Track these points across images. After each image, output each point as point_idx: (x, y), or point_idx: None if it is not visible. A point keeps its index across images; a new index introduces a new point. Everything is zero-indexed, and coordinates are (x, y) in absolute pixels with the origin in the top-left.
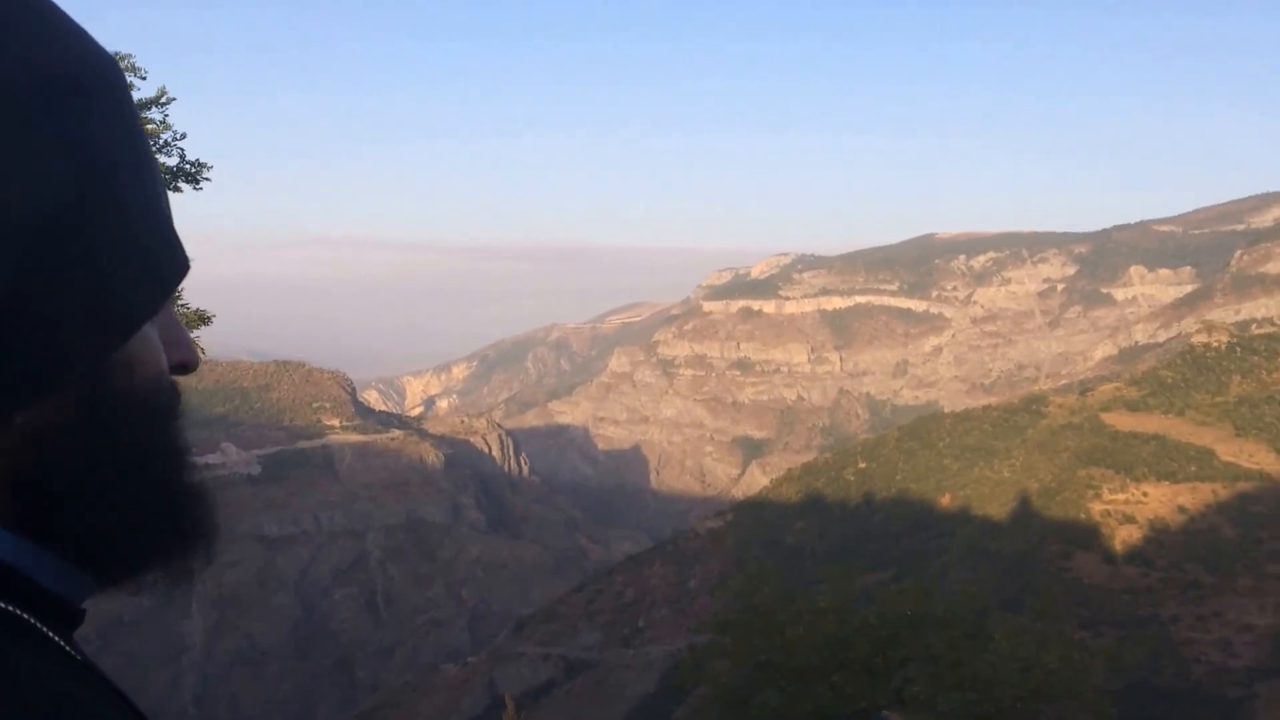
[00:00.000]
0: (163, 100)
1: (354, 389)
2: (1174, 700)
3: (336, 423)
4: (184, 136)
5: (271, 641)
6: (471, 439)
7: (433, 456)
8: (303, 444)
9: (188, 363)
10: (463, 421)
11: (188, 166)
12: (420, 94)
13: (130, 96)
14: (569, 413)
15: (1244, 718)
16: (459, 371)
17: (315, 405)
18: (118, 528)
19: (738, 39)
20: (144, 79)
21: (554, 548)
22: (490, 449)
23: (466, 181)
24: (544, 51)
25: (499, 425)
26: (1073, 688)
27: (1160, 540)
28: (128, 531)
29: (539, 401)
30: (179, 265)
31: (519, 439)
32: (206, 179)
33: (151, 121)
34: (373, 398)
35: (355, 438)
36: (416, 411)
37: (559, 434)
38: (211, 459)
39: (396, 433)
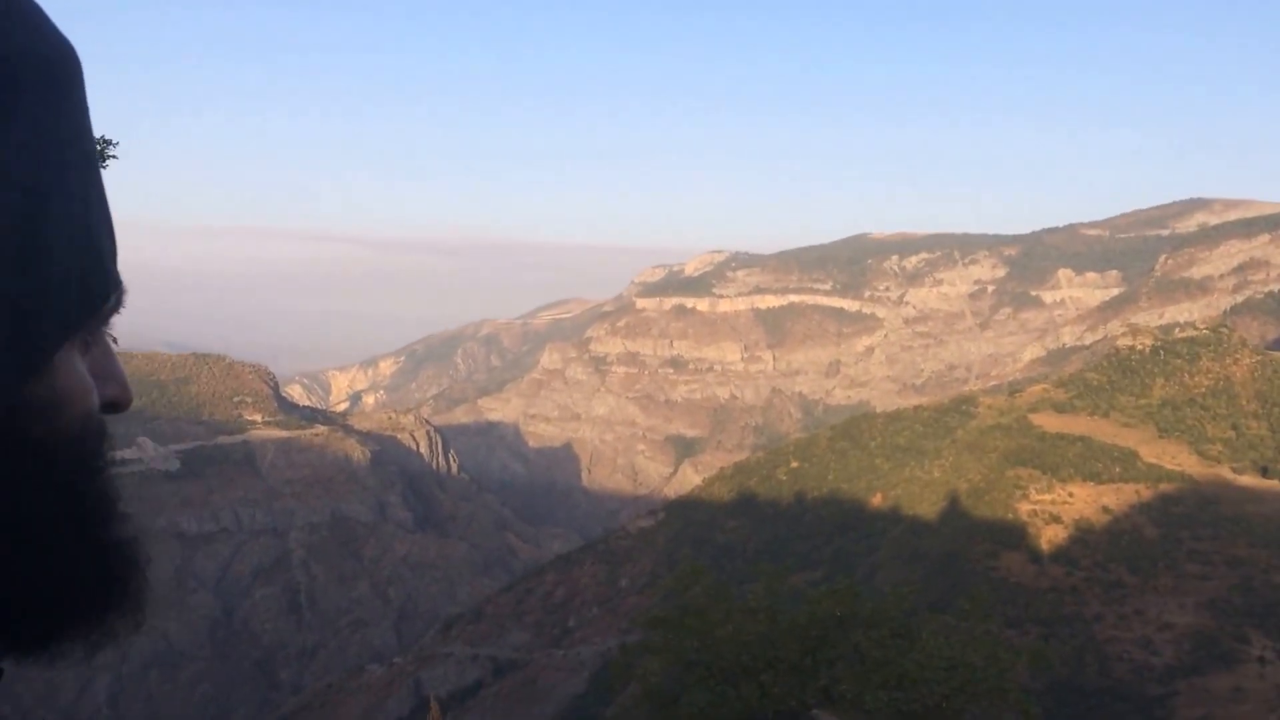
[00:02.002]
0: None
1: (276, 383)
2: (1097, 698)
3: (258, 417)
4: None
5: (189, 642)
6: (399, 435)
7: (358, 453)
8: (223, 439)
9: (119, 400)
10: (390, 417)
11: None
12: (347, 78)
13: (80, 88)
14: (499, 409)
15: (1165, 715)
16: (386, 366)
17: (236, 399)
18: (34, 591)
19: (670, 35)
20: None
21: (483, 546)
22: (418, 446)
23: (396, 174)
24: (475, 42)
25: (427, 422)
26: (998, 686)
27: (1085, 540)
28: (46, 595)
29: (469, 398)
30: (107, 283)
31: (448, 436)
32: (112, 156)
33: None
34: (296, 392)
35: (278, 433)
36: (342, 407)
37: (489, 431)
38: (128, 454)
39: (321, 428)
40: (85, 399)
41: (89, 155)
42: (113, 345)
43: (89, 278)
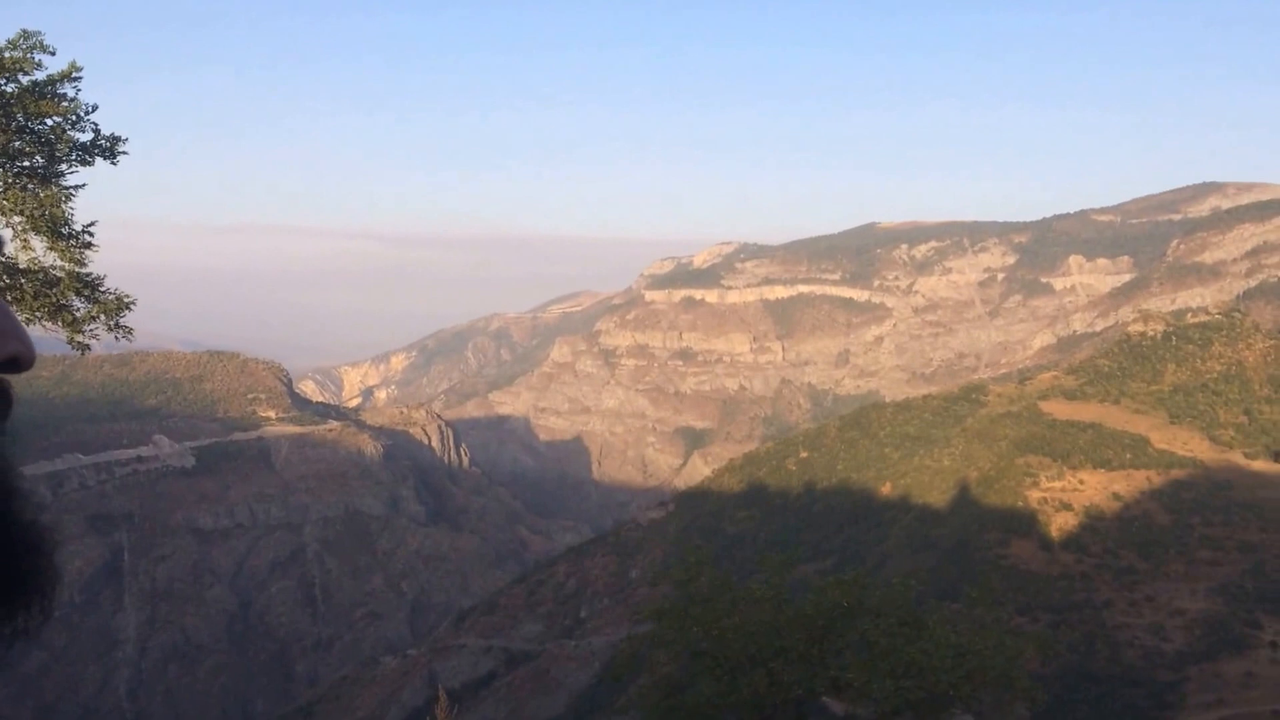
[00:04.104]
0: (74, 75)
1: (290, 380)
2: (1107, 684)
3: (272, 414)
4: (95, 109)
5: (206, 636)
6: (411, 430)
7: (371, 448)
8: (237, 436)
9: (20, 356)
10: (402, 412)
11: (103, 141)
12: (357, 76)
13: None
14: (510, 403)
15: (1175, 701)
16: (398, 362)
17: (250, 396)
18: None
19: (679, 28)
20: (53, 54)
21: (495, 539)
22: (430, 440)
23: (405, 169)
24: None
25: (439, 416)
26: (1006, 673)
27: (1095, 527)
28: None
29: (479, 392)
30: None
31: (459, 430)
32: (124, 152)
33: (65, 98)
34: (309, 388)
35: (291, 429)
36: (354, 402)
37: (500, 425)
38: (144, 451)
39: (334, 424)
40: None
41: None
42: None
43: None
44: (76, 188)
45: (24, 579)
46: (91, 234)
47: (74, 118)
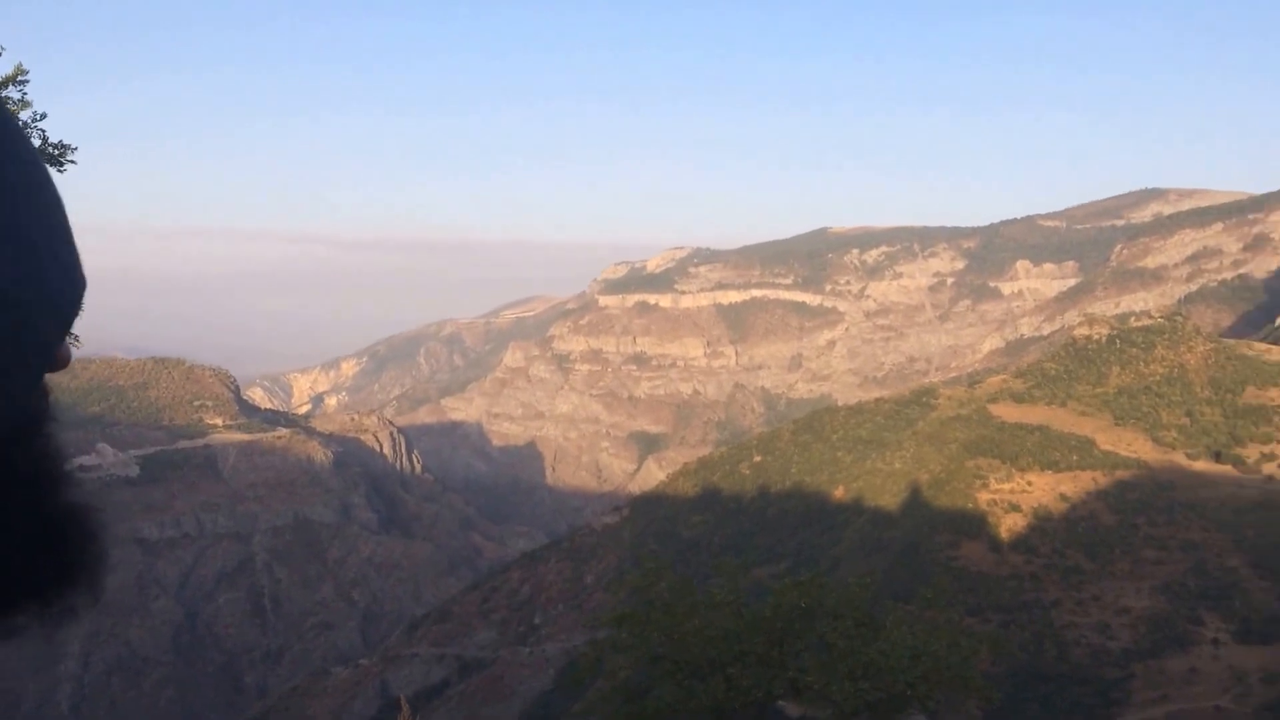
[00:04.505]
0: (19, 79)
1: (237, 387)
2: (1056, 682)
3: (219, 421)
4: (44, 116)
5: (152, 648)
6: (362, 437)
7: (321, 455)
8: (183, 444)
9: (58, 357)
10: (353, 419)
11: (50, 149)
12: (304, 78)
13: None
14: (462, 409)
15: (1121, 697)
16: (348, 368)
17: (196, 404)
18: None
19: (630, 31)
20: None
21: (448, 546)
22: (381, 447)
23: (355, 172)
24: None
25: (390, 422)
26: (961, 674)
27: (1043, 528)
28: None
29: (432, 398)
30: (75, 309)
31: (411, 436)
32: (71, 161)
33: (10, 101)
34: (258, 395)
35: (239, 437)
36: (304, 409)
37: (452, 431)
38: (87, 460)
39: (283, 431)
40: None
41: (44, 184)
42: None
43: (69, 310)
44: None
45: (74, 559)
46: None
47: (20, 123)
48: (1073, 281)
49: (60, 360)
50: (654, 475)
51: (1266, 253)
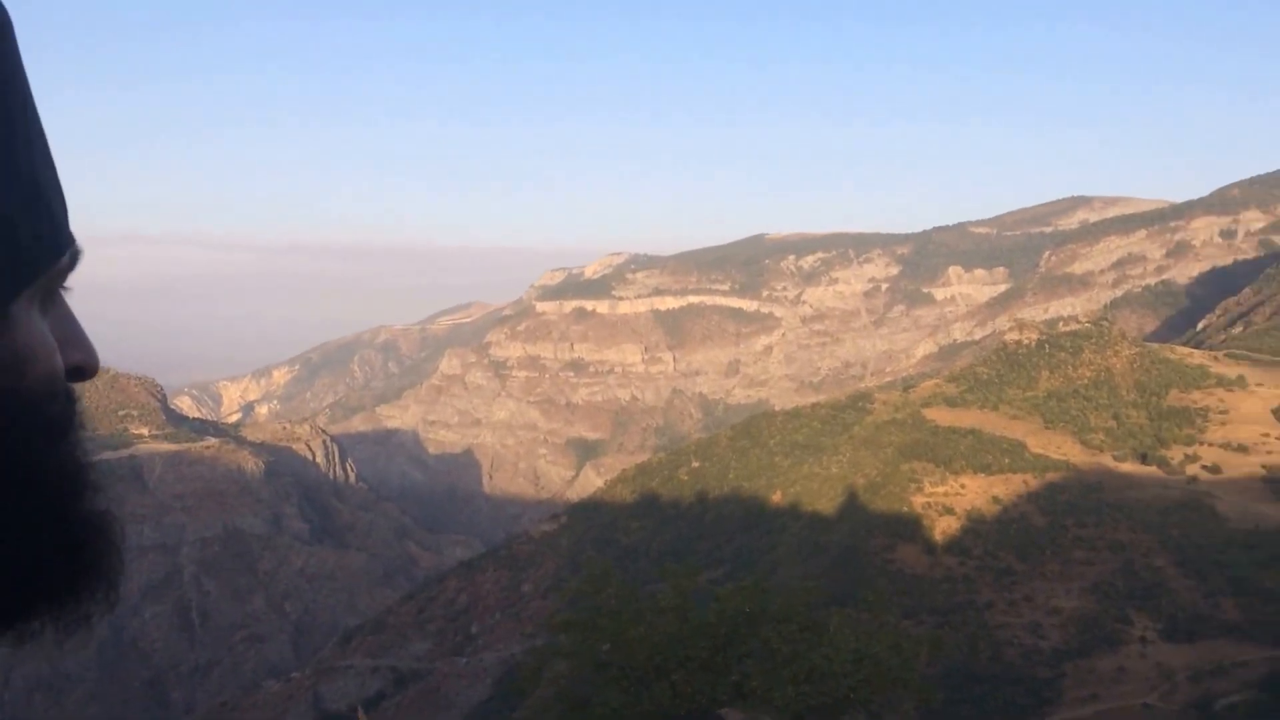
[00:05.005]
0: None
1: (164, 395)
2: (989, 683)
3: (145, 431)
4: None
5: (75, 664)
6: (294, 446)
7: (252, 465)
8: (107, 455)
9: (86, 366)
10: (284, 428)
11: None
12: (235, 82)
13: (11, 39)
14: (398, 417)
15: (1053, 697)
16: (280, 376)
17: (121, 413)
18: (2, 562)
19: (560, 36)
20: None
21: (382, 556)
22: (314, 456)
23: (285, 177)
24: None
25: (323, 431)
26: (902, 676)
27: (976, 530)
28: (12, 570)
29: (366, 406)
30: (60, 237)
31: (345, 445)
32: None
33: None
34: (186, 404)
35: (166, 447)
36: (234, 418)
37: (387, 439)
38: None
39: (212, 441)
40: (49, 359)
41: (27, 104)
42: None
43: (39, 227)
44: None
45: (94, 566)
46: None
47: None
48: (1003, 287)
49: (88, 369)
50: (592, 482)
51: (1188, 259)
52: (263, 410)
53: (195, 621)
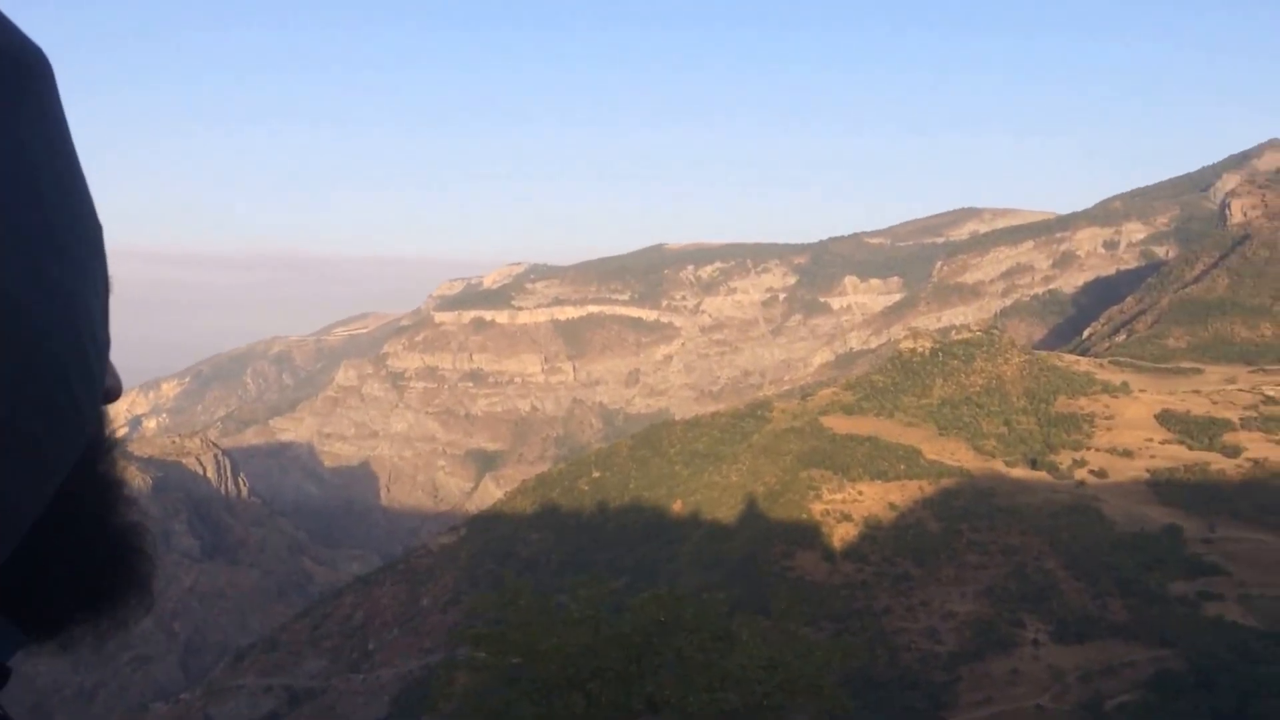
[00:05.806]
0: None
1: None
2: (887, 688)
3: None
4: None
5: None
6: (184, 460)
7: (138, 480)
8: None
9: (113, 389)
10: (174, 442)
11: None
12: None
13: (57, 96)
14: (292, 429)
15: (950, 700)
16: (169, 388)
17: None
18: (45, 574)
19: (461, 46)
20: None
21: (276, 572)
22: (205, 470)
23: (174, 184)
24: (267, 55)
25: (215, 445)
26: (814, 683)
27: (874, 536)
28: (58, 576)
29: (259, 418)
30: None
31: (237, 459)
32: None
33: None
34: None
35: None
36: (120, 433)
37: (281, 452)
38: None
39: None
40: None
41: (73, 159)
42: None
43: (105, 277)
44: None
45: (129, 575)
46: None
47: None
48: (898, 297)
49: (114, 392)
50: (492, 494)
51: (1073, 269)
52: (151, 424)
53: None
